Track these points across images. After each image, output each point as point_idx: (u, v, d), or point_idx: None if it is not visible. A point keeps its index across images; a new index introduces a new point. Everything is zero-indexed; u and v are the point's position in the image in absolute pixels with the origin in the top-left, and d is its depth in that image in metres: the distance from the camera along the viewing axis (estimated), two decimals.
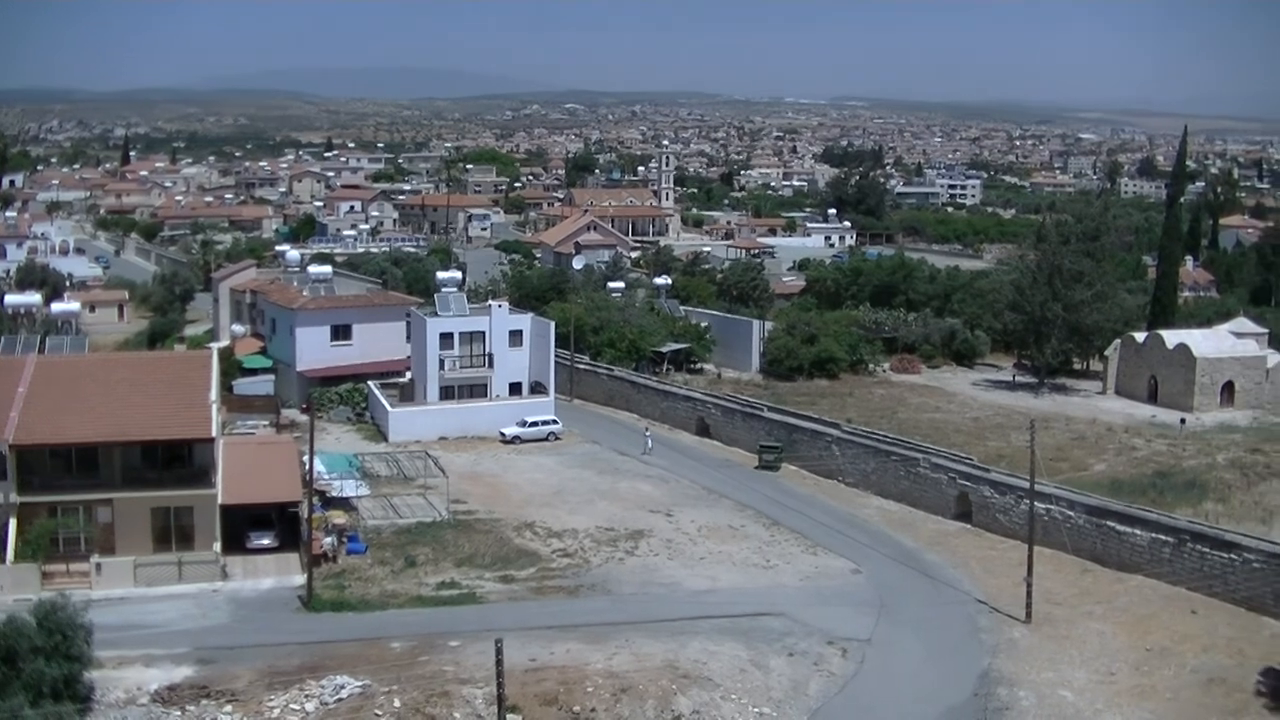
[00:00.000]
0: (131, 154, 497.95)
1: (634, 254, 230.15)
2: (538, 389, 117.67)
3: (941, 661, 66.31)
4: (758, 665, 63.97)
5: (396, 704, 57.68)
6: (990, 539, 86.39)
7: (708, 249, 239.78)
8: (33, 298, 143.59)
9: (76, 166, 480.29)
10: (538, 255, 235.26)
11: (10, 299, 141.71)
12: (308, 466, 76.79)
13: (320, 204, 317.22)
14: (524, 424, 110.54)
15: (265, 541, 77.80)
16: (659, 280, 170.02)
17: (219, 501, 75.63)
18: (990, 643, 68.50)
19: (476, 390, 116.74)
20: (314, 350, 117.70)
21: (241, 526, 77.43)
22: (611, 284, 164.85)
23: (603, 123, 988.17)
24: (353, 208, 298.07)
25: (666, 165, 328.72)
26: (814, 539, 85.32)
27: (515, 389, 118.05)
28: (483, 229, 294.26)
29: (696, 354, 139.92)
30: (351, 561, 77.44)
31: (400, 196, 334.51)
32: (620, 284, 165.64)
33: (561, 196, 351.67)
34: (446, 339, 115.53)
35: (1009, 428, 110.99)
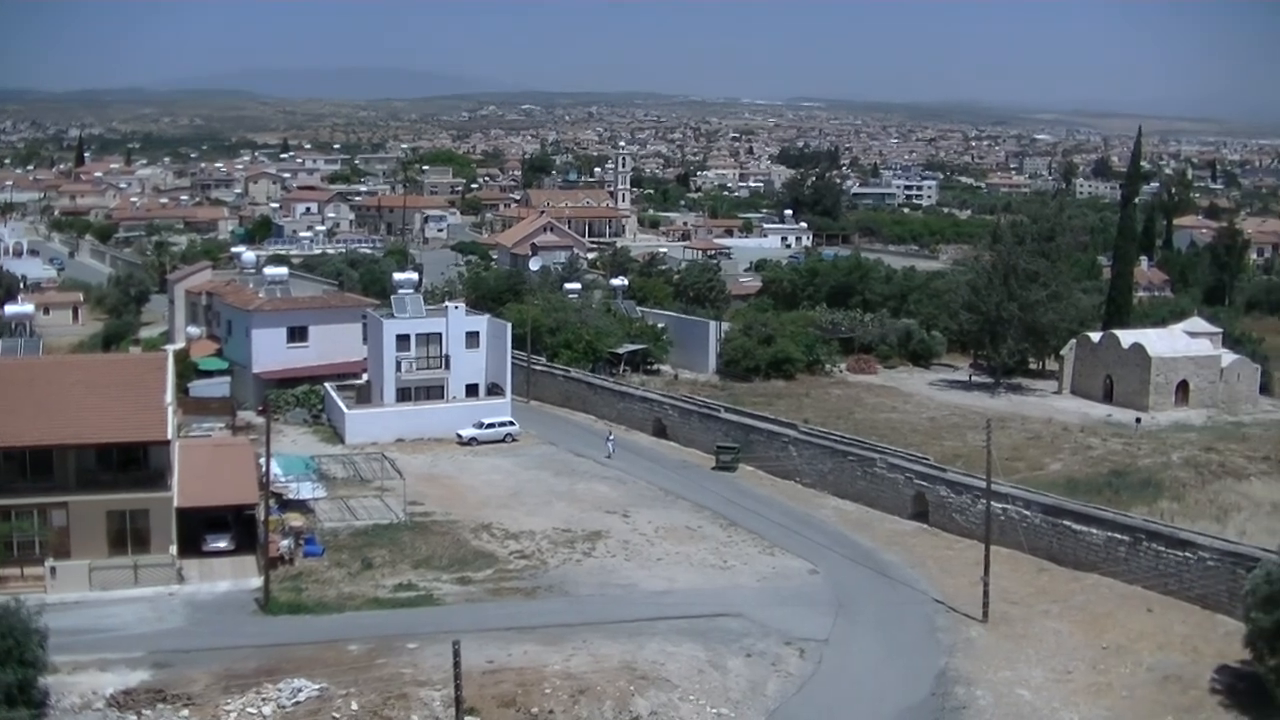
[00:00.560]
0: (86, 155, 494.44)
1: (590, 255, 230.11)
2: (494, 390, 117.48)
3: (899, 661, 66.45)
4: (715, 666, 64.01)
5: (354, 706, 57.53)
6: (947, 538, 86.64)
7: (664, 250, 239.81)
8: None
9: (30, 167, 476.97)
10: (494, 256, 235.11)
11: None
12: (264, 469, 76.43)
13: (276, 205, 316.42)
14: (481, 425, 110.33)
15: (222, 544, 77.49)
16: (615, 281, 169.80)
17: (175, 504, 75.23)
18: (947, 642, 68.69)
19: (433, 392, 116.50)
20: (270, 352, 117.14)
21: (198, 529, 77.04)
22: (568, 285, 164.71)
23: (559, 124, 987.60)
24: (309, 209, 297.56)
25: (623, 166, 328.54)
26: (771, 539, 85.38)
27: (472, 390, 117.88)
28: (439, 230, 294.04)
29: (653, 355, 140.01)
30: (308, 564, 77.13)
31: (356, 198, 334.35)
32: (577, 285, 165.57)
33: (518, 198, 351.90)
34: (403, 341, 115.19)
35: (965, 427, 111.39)
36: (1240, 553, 70.34)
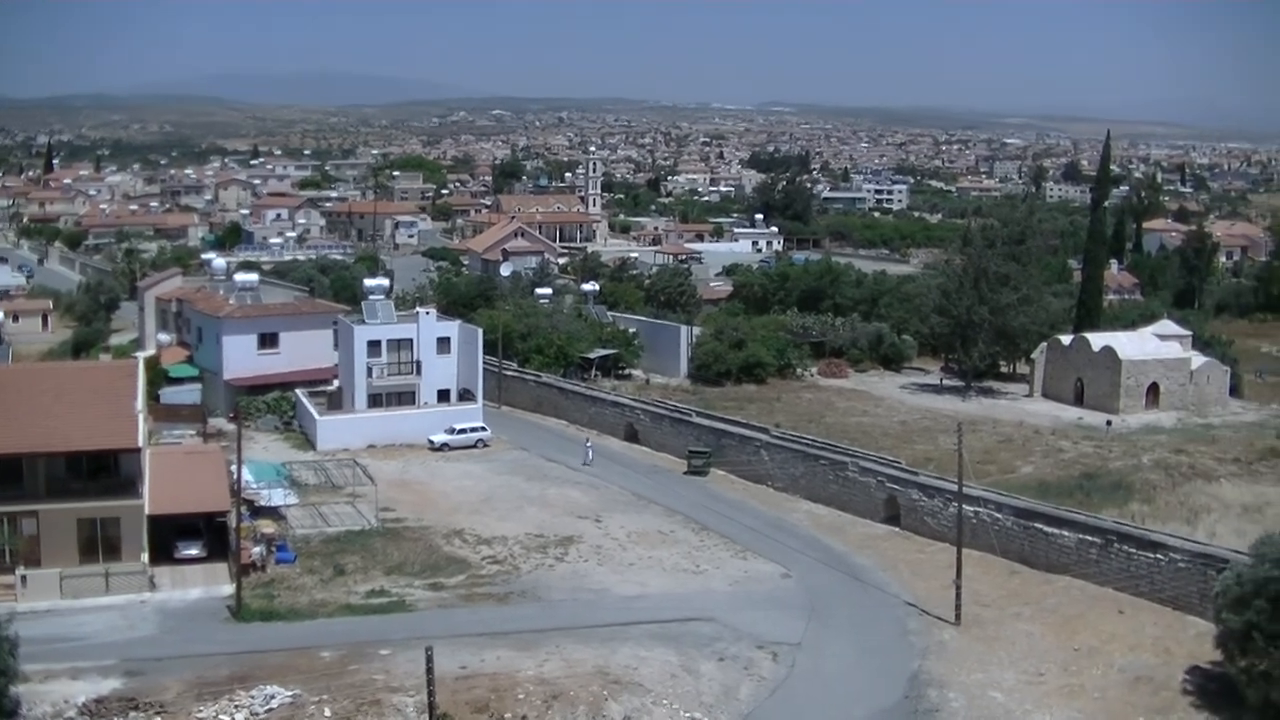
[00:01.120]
0: (55, 161, 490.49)
1: (561, 260, 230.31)
2: (466, 396, 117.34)
3: (872, 664, 66.60)
4: (688, 670, 64.05)
5: (327, 713, 57.45)
6: (919, 542, 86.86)
7: (635, 255, 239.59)
8: None
9: None
10: (465, 262, 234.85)
11: None
12: (235, 476, 76.28)
13: (246, 212, 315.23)
14: (452, 431, 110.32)
15: (193, 551, 77.22)
16: (586, 286, 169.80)
17: (146, 512, 74.94)
18: (920, 645, 68.86)
19: (405, 398, 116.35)
20: (241, 359, 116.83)
21: (169, 537, 76.74)
22: (539, 290, 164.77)
23: (529, 129, 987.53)
24: (279, 215, 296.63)
25: (593, 171, 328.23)
26: (743, 544, 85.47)
27: (443, 396, 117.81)
28: (410, 236, 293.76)
29: (625, 360, 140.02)
30: (280, 571, 76.93)
31: (327, 204, 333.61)
32: (548, 290, 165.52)
33: (489, 203, 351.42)
34: (374, 347, 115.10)
35: (936, 431, 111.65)
36: (1210, 554, 70.58)
